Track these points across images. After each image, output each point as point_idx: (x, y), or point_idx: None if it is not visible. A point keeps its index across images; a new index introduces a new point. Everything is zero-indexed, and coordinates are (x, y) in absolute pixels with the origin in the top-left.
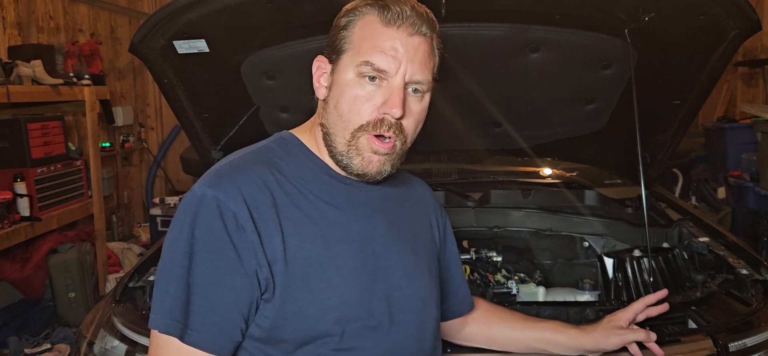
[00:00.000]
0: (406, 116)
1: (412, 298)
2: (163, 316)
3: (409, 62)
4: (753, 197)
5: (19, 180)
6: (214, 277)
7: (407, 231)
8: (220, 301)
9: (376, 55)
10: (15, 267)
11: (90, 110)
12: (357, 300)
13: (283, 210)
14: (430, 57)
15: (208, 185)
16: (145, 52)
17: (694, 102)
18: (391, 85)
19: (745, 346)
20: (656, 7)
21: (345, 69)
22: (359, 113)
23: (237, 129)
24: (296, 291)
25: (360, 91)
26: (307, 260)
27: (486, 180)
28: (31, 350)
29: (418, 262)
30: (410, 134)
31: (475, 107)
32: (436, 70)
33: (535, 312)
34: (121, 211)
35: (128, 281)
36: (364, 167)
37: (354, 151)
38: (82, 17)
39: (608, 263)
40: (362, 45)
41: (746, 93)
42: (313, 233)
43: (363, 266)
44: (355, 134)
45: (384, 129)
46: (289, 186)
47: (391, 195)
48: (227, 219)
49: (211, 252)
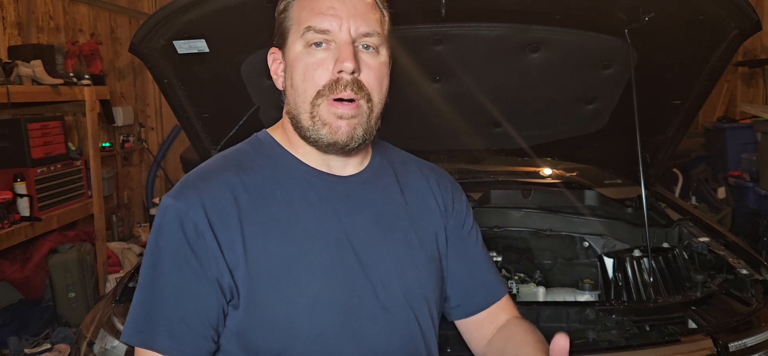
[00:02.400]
0: (363, 71)
1: (399, 295)
2: (129, 326)
3: (351, 18)
4: (753, 197)
5: (19, 180)
6: (178, 286)
7: (398, 221)
8: (186, 309)
9: (315, 18)
10: (15, 266)
11: (90, 110)
12: (331, 298)
13: (247, 214)
14: (374, 9)
15: (171, 197)
16: (145, 52)
17: (694, 102)
18: (340, 42)
19: (745, 346)
20: (656, 7)
21: (293, 46)
22: (313, 80)
23: (237, 129)
24: (262, 295)
25: (310, 58)
26: (272, 262)
27: (486, 180)
28: (31, 350)
29: (411, 255)
30: (374, 90)
31: (475, 107)
32: (386, 27)
33: (535, 311)
34: (121, 211)
35: (128, 281)
36: (332, 136)
37: (319, 122)
38: (82, 17)
39: (608, 264)
40: (302, 16)
41: (746, 93)
42: (280, 235)
43: (340, 262)
44: (314, 103)
45: (341, 89)
46: (258, 189)
47: (379, 184)
48: (187, 229)
49: (174, 262)
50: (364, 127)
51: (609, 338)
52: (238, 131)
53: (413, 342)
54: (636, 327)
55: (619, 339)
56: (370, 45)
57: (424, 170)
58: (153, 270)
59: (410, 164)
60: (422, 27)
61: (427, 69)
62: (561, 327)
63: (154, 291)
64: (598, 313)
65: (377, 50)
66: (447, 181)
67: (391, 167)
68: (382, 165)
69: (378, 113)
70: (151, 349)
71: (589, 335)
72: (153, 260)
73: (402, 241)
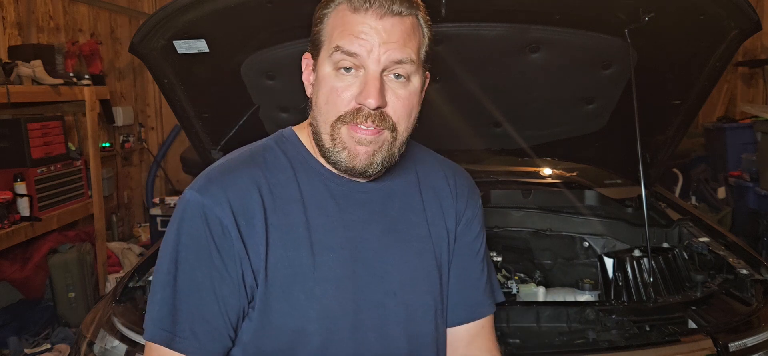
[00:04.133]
0: (390, 102)
1: (411, 306)
2: (151, 324)
3: (383, 45)
4: (753, 197)
5: (19, 180)
6: (201, 284)
7: (414, 230)
8: (207, 308)
9: (345, 40)
10: (15, 267)
11: (90, 110)
12: (341, 311)
13: (270, 216)
14: (411, 36)
15: (196, 190)
16: (145, 52)
17: (694, 102)
18: (367, 73)
19: (745, 346)
20: (656, 7)
21: (323, 63)
22: (336, 105)
23: (237, 129)
24: (275, 302)
25: (337, 82)
26: (289, 270)
27: (486, 180)
28: (31, 350)
29: (424, 265)
30: (401, 121)
31: (475, 107)
32: (425, 50)
33: (535, 311)
34: (121, 211)
35: (128, 281)
36: (351, 161)
37: (338, 144)
38: (82, 17)
39: (608, 264)
40: (334, 34)
41: (746, 93)
42: (297, 242)
43: (352, 274)
44: (334, 126)
45: (361, 119)
46: (280, 190)
47: (398, 189)
48: (213, 226)
49: (197, 259)
50: (384, 154)
51: (609, 338)
52: (238, 131)
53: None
54: (636, 327)
55: (619, 339)
56: (402, 74)
57: (445, 170)
58: (175, 267)
59: (433, 163)
60: None
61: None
62: (561, 327)
63: (177, 288)
64: (598, 313)
65: (409, 79)
66: (465, 185)
67: (414, 167)
68: (404, 167)
69: (404, 139)
70: (174, 349)
71: (589, 335)
72: (175, 256)
73: (417, 251)
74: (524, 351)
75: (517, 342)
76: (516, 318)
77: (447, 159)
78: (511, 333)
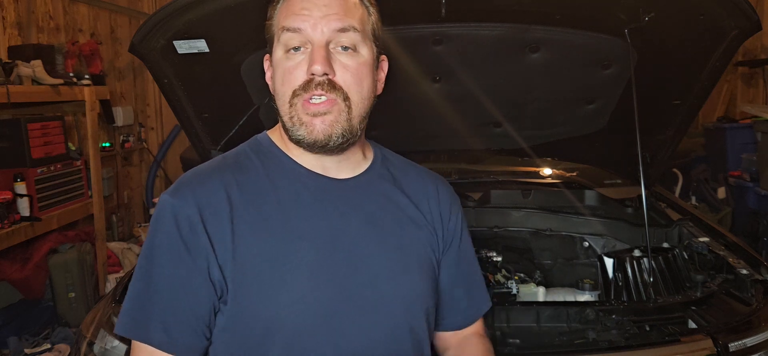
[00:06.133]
0: (338, 72)
1: (389, 298)
2: (123, 316)
3: (324, 18)
4: (753, 197)
5: (19, 180)
6: (172, 280)
7: (392, 226)
8: (179, 303)
9: (288, 19)
10: (15, 267)
11: (90, 110)
12: (314, 299)
13: (238, 211)
14: (353, 9)
15: (168, 194)
16: (145, 52)
17: (694, 102)
18: (313, 46)
19: (745, 346)
20: (656, 7)
21: (275, 51)
22: (290, 82)
23: (237, 129)
24: (247, 290)
25: (288, 63)
26: (258, 259)
27: (486, 180)
28: (31, 350)
29: (403, 259)
30: (352, 90)
31: (475, 107)
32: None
33: (535, 311)
34: (121, 211)
35: (128, 281)
36: (310, 135)
37: (297, 121)
38: (82, 17)
39: (608, 264)
40: (279, 19)
41: (746, 93)
42: (268, 232)
43: (328, 262)
44: (291, 102)
45: (312, 89)
46: (252, 188)
47: (375, 189)
48: (181, 224)
49: (169, 256)
50: (343, 125)
51: (609, 338)
52: (238, 131)
53: (400, 345)
54: (636, 327)
55: (619, 339)
56: (348, 45)
57: (425, 179)
58: (148, 263)
59: (410, 171)
60: (422, 27)
61: (427, 69)
62: (561, 327)
63: (149, 284)
64: (598, 313)
65: (356, 49)
66: (447, 193)
67: (390, 173)
68: (380, 171)
69: (360, 112)
70: (145, 342)
71: (589, 335)
72: (149, 254)
73: (396, 246)
74: (524, 351)
75: (517, 342)
76: (516, 318)
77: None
78: (511, 333)
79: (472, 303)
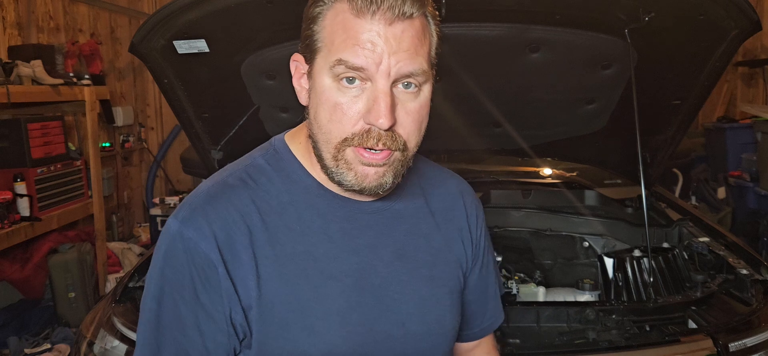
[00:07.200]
0: (400, 117)
1: (419, 337)
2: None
3: (393, 55)
4: (753, 197)
5: (19, 180)
6: (184, 321)
7: (423, 255)
8: (192, 346)
9: (349, 51)
10: (15, 266)
11: (90, 110)
12: (345, 346)
13: (261, 248)
14: (422, 40)
15: (179, 221)
16: (145, 52)
17: (694, 102)
18: (375, 88)
19: (745, 346)
20: (656, 7)
21: (320, 72)
22: (341, 124)
23: (237, 129)
24: (273, 340)
25: (340, 98)
26: (286, 306)
27: (486, 180)
28: (31, 350)
29: (434, 293)
30: (412, 137)
31: (475, 107)
32: (434, 51)
33: (535, 311)
34: (121, 211)
35: (128, 281)
36: (359, 183)
37: (343, 166)
38: (82, 17)
39: (608, 264)
40: (334, 41)
41: (746, 93)
42: (296, 273)
43: (358, 304)
44: (339, 147)
45: (372, 142)
46: (273, 217)
47: (405, 211)
48: (197, 262)
49: (180, 295)
50: (395, 172)
51: (609, 338)
52: (238, 131)
53: None
54: (636, 327)
55: (619, 339)
56: (413, 84)
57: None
58: (158, 305)
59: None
60: None
61: None
62: (561, 327)
63: (160, 328)
64: (598, 313)
65: (420, 88)
66: (473, 203)
67: (421, 188)
68: (411, 188)
69: (413, 155)
70: None
71: (589, 335)
72: (158, 293)
73: (426, 277)
74: (524, 351)
75: (517, 342)
76: (516, 318)
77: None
78: (511, 333)
79: (487, 316)
